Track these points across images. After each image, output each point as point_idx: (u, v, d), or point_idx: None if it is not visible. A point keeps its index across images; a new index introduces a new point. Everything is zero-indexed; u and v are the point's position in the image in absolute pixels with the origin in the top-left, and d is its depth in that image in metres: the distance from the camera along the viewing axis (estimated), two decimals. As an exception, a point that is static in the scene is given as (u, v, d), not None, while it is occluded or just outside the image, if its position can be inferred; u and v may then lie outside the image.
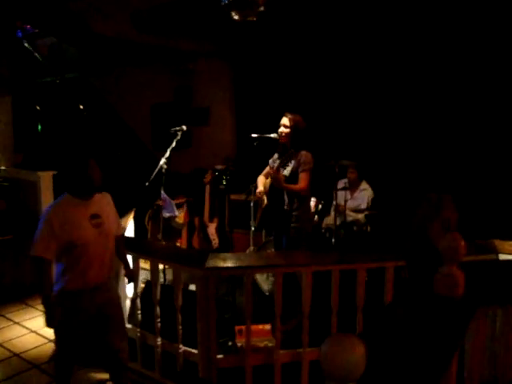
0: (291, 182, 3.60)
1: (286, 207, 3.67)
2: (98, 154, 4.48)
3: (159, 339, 3.42)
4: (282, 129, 3.66)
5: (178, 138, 4.28)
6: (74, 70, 9.16)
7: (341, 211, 4.94)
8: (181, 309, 3.27)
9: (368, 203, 5.07)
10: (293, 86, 6.07)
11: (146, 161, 7.29)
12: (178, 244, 5.97)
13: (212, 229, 5.80)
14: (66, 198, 2.76)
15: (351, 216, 5.02)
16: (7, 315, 4.80)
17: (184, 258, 3.29)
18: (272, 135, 3.72)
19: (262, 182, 3.92)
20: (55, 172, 5.94)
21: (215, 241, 5.81)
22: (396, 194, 5.25)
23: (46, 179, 5.86)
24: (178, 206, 6.09)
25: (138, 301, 3.56)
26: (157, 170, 4.05)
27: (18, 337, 4.31)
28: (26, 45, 9.68)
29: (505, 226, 4.49)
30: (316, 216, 4.68)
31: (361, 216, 4.93)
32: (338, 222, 4.84)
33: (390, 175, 5.42)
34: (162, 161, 4.08)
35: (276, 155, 3.87)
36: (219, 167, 6.21)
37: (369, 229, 5.04)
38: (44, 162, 7.02)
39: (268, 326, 3.51)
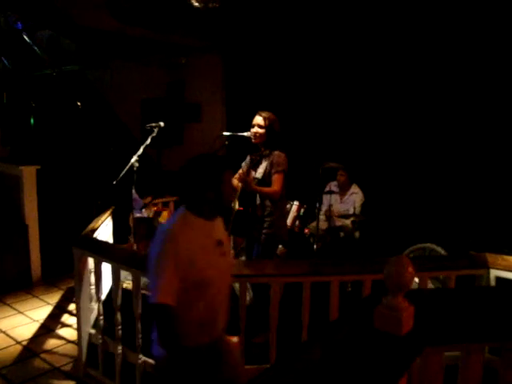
0: (264, 185, 3.35)
1: (258, 212, 3.43)
2: (91, 148, 4.27)
3: (120, 347, 3.23)
4: (255, 129, 3.41)
5: (154, 134, 4.07)
6: (70, 62, 9.05)
7: (327, 216, 4.69)
8: (141, 317, 3.07)
9: (356, 208, 4.80)
10: (284, 84, 5.88)
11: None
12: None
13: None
14: (188, 216, 2.01)
15: (339, 221, 4.77)
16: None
17: (143, 263, 3.07)
18: (245, 134, 3.46)
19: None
20: (39, 167, 5.77)
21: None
22: (387, 199, 5.00)
23: (29, 174, 5.67)
24: (165, 205, 5.91)
25: (101, 306, 3.37)
26: (127, 168, 3.84)
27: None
28: (25, 37, 9.57)
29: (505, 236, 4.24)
30: (297, 221, 4.41)
31: (348, 221, 4.66)
32: (324, 227, 4.59)
33: (382, 178, 5.15)
34: (134, 158, 3.87)
35: (248, 158, 3.62)
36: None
37: (357, 235, 4.78)
38: (33, 156, 6.89)
39: (235, 339, 3.28)
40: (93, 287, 3.63)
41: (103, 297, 3.51)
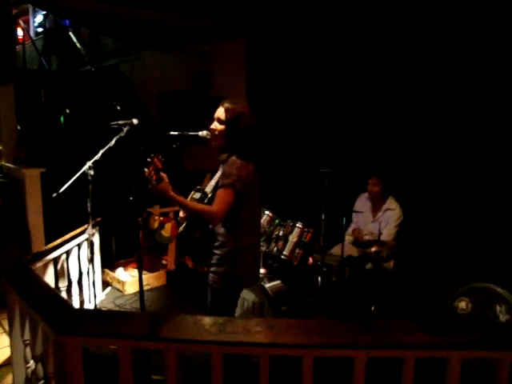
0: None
1: (210, 240, 2.45)
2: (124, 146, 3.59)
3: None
4: (214, 124, 2.44)
5: (123, 134, 3.24)
6: (108, 57, 8.76)
7: (353, 240, 3.60)
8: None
9: (390, 229, 3.62)
10: (309, 75, 4.83)
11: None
12: (164, 262, 4.99)
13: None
14: None
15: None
16: None
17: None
18: (199, 133, 2.49)
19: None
20: (43, 169, 5.28)
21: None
22: (433, 217, 3.76)
23: (31, 177, 5.20)
24: (164, 215, 5.11)
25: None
26: (76, 176, 3.07)
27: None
28: (70, 34, 9.44)
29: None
30: (297, 249, 3.30)
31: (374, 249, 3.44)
32: (345, 254, 3.50)
33: (426, 191, 3.91)
34: (87, 165, 3.08)
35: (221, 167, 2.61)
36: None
37: (391, 266, 3.59)
38: (54, 157, 6.51)
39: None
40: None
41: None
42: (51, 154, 6.49)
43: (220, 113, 2.41)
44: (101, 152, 3.16)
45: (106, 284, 4.65)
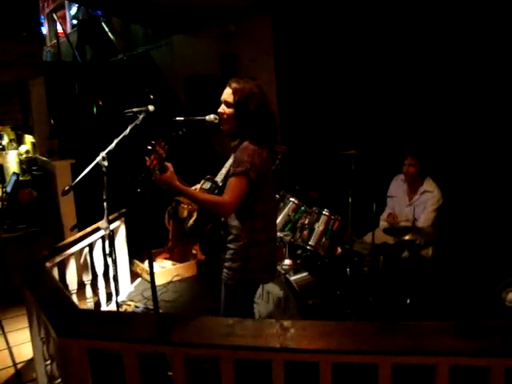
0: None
1: (222, 233, 2.26)
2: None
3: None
4: (221, 108, 2.23)
5: (138, 122, 3.08)
6: (139, 45, 8.71)
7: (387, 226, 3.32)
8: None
9: (428, 214, 3.31)
10: (339, 49, 4.48)
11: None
12: (195, 252, 4.88)
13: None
14: None
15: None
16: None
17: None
18: (207, 117, 2.29)
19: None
20: (73, 161, 5.29)
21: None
22: (477, 201, 3.41)
23: (62, 169, 5.23)
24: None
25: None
26: (90, 167, 2.95)
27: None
28: (102, 24, 9.46)
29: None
30: (323, 239, 3.04)
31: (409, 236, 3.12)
32: (379, 242, 3.23)
33: (468, 172, 3.53)
34: (100, 156, 2.95)
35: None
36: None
37: (430, 253, 3.29)
38: (87, 149, 6.53)
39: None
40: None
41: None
42: (84, 145, 6.51)
43: (227, 95, 2.20)
44: (115, 142, 3.04)
45: (136, 275, 4.60)
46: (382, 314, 2.94)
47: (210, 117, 2.26)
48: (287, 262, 3.17)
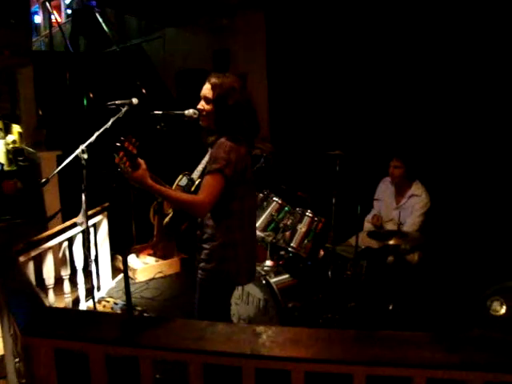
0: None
1: (198, 232, 2.18)
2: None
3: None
4: (201, 104, 2.15)
5: (120, 115, 2.98)
6: (132, 37, 8.61)
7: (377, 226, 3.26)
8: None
9: (415, 218, 3.24)
10: (330, 46, 4.41)
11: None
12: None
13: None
14: None
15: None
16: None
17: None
18: (185, 112, 2.20)
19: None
20: (59, 152, 5.18)
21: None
22: (464, 205, 3.36)
23: (47, 160, 5.13)
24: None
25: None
26: (69, 159, 2.86)
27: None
28: (96, 14, 9.34)
29: None
30: (306, 240, 2.96)
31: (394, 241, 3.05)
32: (363, 245, 3.17)
33: (456, 174, 3.48)
34: (80, 149, 2.86)
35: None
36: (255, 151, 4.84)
37: (416, 259, 3.23)
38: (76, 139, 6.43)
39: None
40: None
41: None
42: (72, 137, 6.40)
43: (206, 90, 2.13)
44: (96, 134, 2.95)
45: (118, 271, 4.51)
46: (364, 319, 2.88)
47: (189, 111, 2.18)
48: (268, 263, 3.10)
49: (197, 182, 2.15)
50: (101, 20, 9.02)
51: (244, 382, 1.74)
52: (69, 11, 11.20)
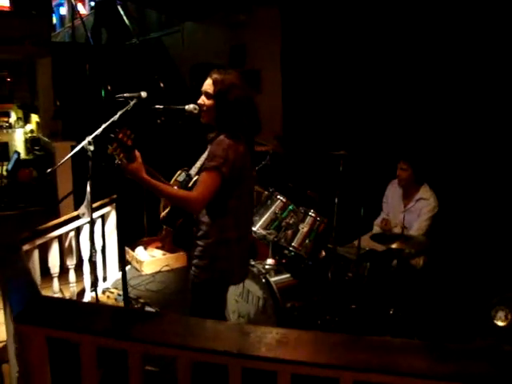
0: None
1: (194, 229, 2.17)
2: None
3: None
4: (201, 99, 2.14)
5: (129, 108, 2.99)
6: (152, 30, 8.67)
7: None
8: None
9: (422, 222, 3.18)
10: (345, 42, 4.35)
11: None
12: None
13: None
14: None
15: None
16: None
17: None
18: (186, 107, 2.19)
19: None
20: (73, 143, 5.25)
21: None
22: (473, 210, 3.28)
23: (61, 150, 5.20)
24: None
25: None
26: (75, 151, 2.87)
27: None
28: (118, 7, 9.42)
29: None
30: (307, 240, 2.93)
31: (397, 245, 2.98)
32: (368, 248, 3.13)
33: (464, 178, 3.40)
34: (86, 141, 2.87)
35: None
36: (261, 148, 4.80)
37: (421, 263, 3.17)
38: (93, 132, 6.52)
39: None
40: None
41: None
42: (88, 128, 6.48)
43: (207, 85, 2.12)
44: (103, 127, 2.96)
45: (126, 262, 4.55)
46: (363, 322, 2.84)
47: (190, 106, 2.17)
48: (270, 261, 3.08)
49: (194, 179, 2.14)
50: (122, 13, 9.10)
51: (231, 381, 1.73)
52: (92, 3, 11.34)
